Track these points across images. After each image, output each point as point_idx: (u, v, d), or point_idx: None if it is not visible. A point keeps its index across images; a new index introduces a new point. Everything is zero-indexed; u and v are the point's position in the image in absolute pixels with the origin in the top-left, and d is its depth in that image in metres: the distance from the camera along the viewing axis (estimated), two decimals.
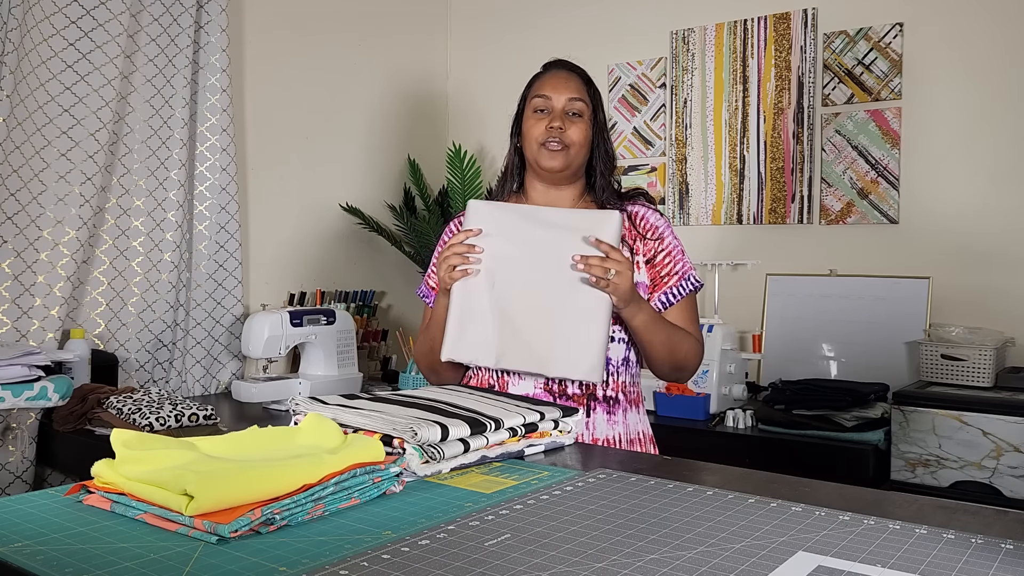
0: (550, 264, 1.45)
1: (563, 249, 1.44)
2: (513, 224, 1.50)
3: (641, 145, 3.08)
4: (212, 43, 2.53)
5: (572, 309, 1.43)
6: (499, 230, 1.50)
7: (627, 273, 1.42)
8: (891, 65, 2.59)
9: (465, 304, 1.47)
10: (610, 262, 1.41)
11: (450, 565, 0.75)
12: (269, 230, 2.82)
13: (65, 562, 0.75)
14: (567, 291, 1.44)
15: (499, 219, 1.51)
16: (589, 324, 1.42)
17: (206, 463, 0.90)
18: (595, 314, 1.42)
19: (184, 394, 2.51)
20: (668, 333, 1.53)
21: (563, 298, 1.44)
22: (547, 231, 1.48)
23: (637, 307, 1.47)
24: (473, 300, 1.47)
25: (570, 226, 1.47)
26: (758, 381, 2.68)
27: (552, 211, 1.53)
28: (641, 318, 1.48)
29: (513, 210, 1.53)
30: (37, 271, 2.19)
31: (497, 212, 1.53)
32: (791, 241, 2.77)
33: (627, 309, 1.45)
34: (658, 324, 1.52)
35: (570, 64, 1.66)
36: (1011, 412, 1.98)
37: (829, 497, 0.98)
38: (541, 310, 1.45)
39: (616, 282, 1.41)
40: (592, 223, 1.47)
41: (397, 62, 3.30)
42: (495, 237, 1.49)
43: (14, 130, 2.14)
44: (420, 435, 1.05)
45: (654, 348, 1.53)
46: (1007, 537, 0.83)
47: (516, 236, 1.49)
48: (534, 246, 1.47)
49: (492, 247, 1.49)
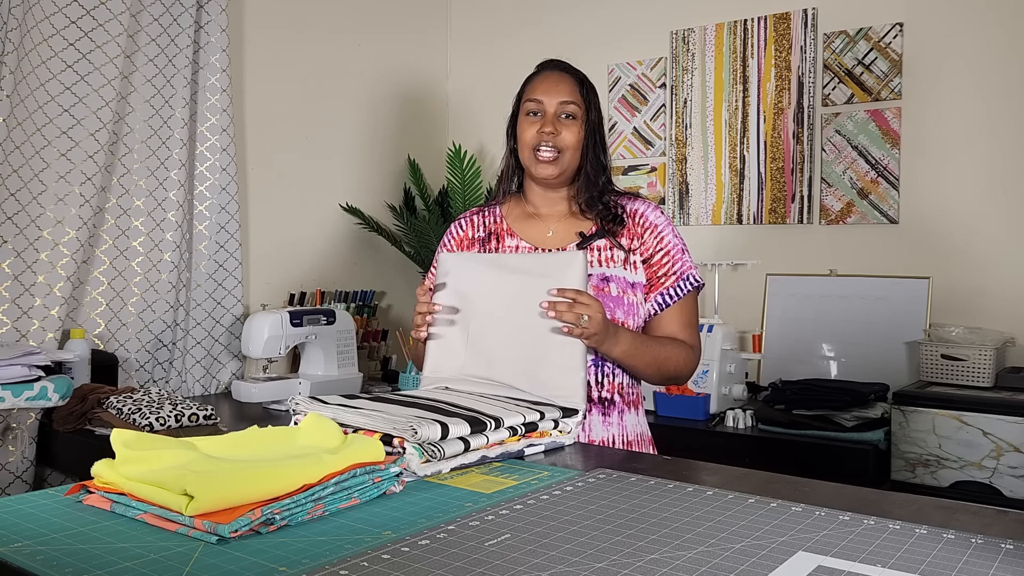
0: (521, 312, 1.44)
1: (531, 296, 1.43)
2: (481, 274, 1.50)
3: (641, 145, 3.08)
4: (212, 43, 2.53)
5: (548, 351, 1.41)
6: (469, 281, 1.50)
7: (598, 316, 1.39)
8: (891, 65, 2.59)
9: (442, 356, 1.48)
10: (579, 307, 1.38)
11: (450, 565, 0.75)
12: (269, 230, 2.82)
13: (65, 562, 0.75)
14: (541, 336, 1.42)
15: (469, 270, 1.51)
16: (567, 364, 1.40)
17: (206, 463, 0.90)
18: (571, 354, 1.40)
19: (184, 394, 2.51)
20: (653, 354, 1.51)
21: (538, 343, 1.42)
22: (516, 279, 1.47)
23: (614, 341, 1.45)
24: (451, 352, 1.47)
25: (537, 272, 1.46)
26: (758, 381, 2.68)
27: (518, 258, 1.53)
28: (620, 349, 1.46)
29: (482, 261, 1.53)
30: (37, 271, 2.19)
31: (468, 263, 1.53)
32: (791, 241, 2.77)
33: (604, 346, 1.44)
34: (641, 348, 1.50)
35: (563, 65, 1.64)
36: (1011, 412, 1.98)
37: (829, 497, 0.98)
38: (517, 355, 1.43)
39: (587, 326, 1.38)
40: (557, 266, 1.46)
41: (397, 62, 3.30)
42: (466, 290, 1.49)
43: (14, 130, 2.14)
44: (420, 433, 1.05)
45: (639, 371, 1.53)
46: (1007, 537, 0.83)
47: (485, 287, 1.48)
48: (503, 296, 1.46)
49: (464, 300, 1.49)
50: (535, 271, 1.46)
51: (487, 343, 1.45)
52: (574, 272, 1.44)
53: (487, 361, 1.44)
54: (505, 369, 1.42)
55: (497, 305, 1.46)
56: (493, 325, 1.45)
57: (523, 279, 1.46)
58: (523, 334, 1.43)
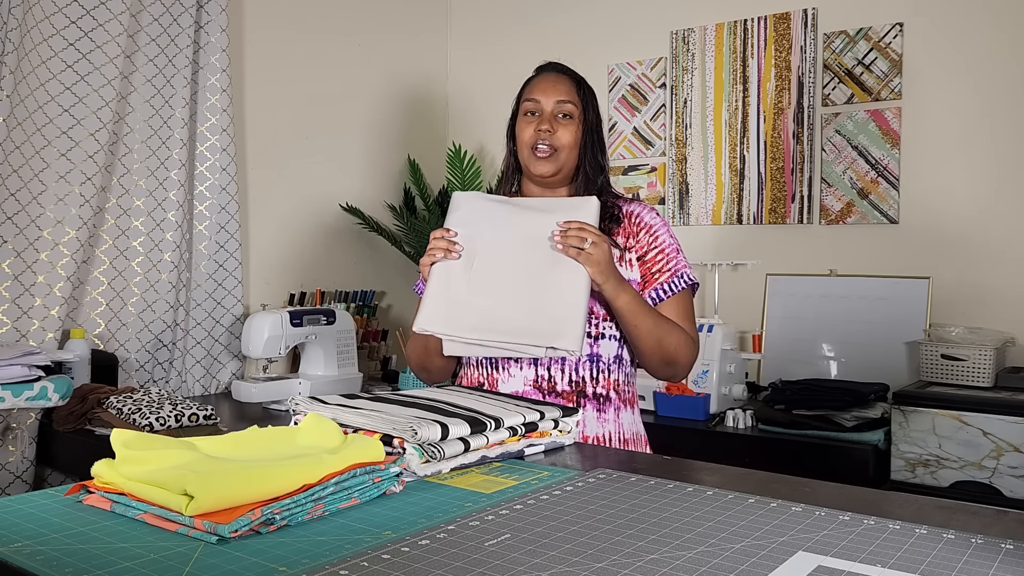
0: (528, 243, 1.47)
1: (541, 229, 1.47)
2: (493, 210, 1.53)
3: (641, 145, 3.08)
4: (212, 43, 2.53)
5: (551, 282, 1.43)
6: (480, 217, 1.52)
7: (603, 246, 1.43)
8: (891, 65, 2.59)
9: (443, 281, 1.47)
10: (586, 232, 1.43)
11: (450, 565, 0.75)
12: (269, 230, 2.82)
13: (65, 562, 0.75)
14: (545, 266, 1.45)
15: (480, 207, 1.54)
16: (569, 295, 1.42)
17: (206, 463, 0.90)
18: (574, 285, 1.42)
19: (184, 394, 2.51)
20: (656, 321, 1.51)
21: (542, 272, 1.44)
22: (526, 215, 1.51)
23: (618, 285, 1.46)
24: (451, 278, 1.47)
25: (549, 209, 1.51)
26: (758, 381, 2.68)
27: (533, 199, 1.58)
28: (624, 299, 1.47)
29: (495, 199, 1.57)
30: (37, 271, 2.19)
31: (478, 201, 1.56)
32: (791, 241, 2.77)
33: (607, 286, 1.45)
34: (644, 310, 1.50)
35: (560, 66, 1.67)
36: (1011, 412, 1.98)
37: (829, 497, 0.98)
38: (520, 284, 1.44)
39: (591, 252, 1.42)
40: (571, 206, 1.51)
41: (397, 62, 3.30)
42: (476, 224, 1.51)
43: (14, 130, 2.14)
44: (420, 434, 1.05)
45: (640, 335, 1.50)
46: (1007, 537, 0.83)
47: (495, 221, 1.51)
48: (513, 229, 1.50)
49: (472, 232, 1.50)
50: (547, 208, 1.51)
51: (491, 271, 1.46)
52: (586, 212, 1.49)
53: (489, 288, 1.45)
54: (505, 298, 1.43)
55: (505, 236, 1.49)
56: (499, 254, 1.48)
57: (534, 215, 1.50)
58: (528, 264, 1.45)
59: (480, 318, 1.43)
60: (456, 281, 1.46)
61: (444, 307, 1.45)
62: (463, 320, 1.43)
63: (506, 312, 1.42)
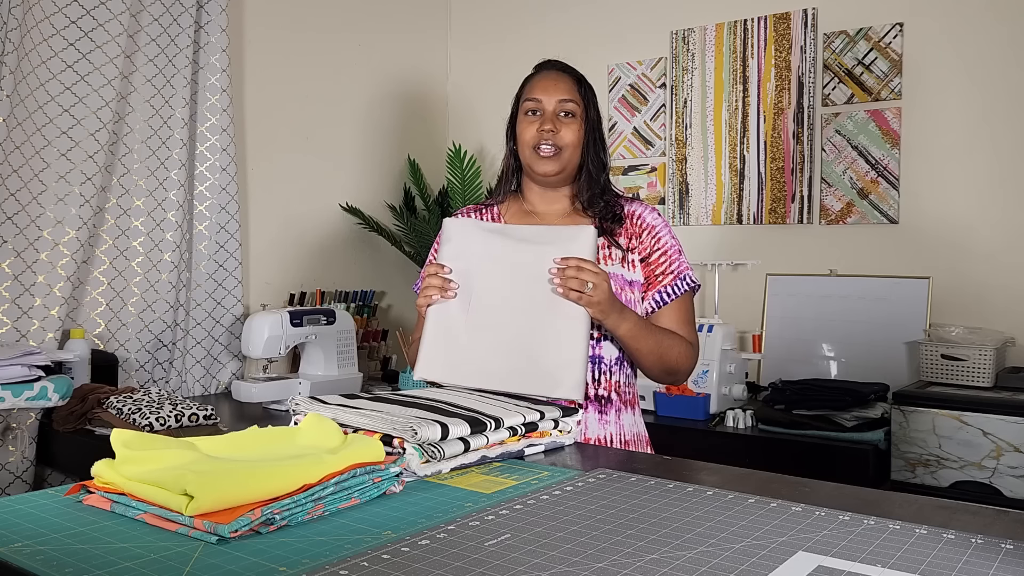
0: (526, 281, 1.42)
1: (538, 266, 1.41)
2: (486, 241, 1.47)
3: (641, 145, 3.08)
4: (212, 43, 2.53)
5: (550, 327, 1.39)
6: (473, 251, 1.47)
7: (603, 284, 1.39)
8: (891, 65, 2.59)
9: (441, 324, 1.43)
10: (585, 274, 1.38)
11: (450, 565, 0.75)
12: (269, 230, 2.82)
13: (65, 562, 0.75)
14: (544, 308, 1.40)
15: (473, 238, 1.48)
16: (568, 341, 1.38)
17: (206, 463, 0.90)
18: (574, 330, 1.38)
19: (184, 394, 2.51)
20: (657, 339, 1.50)
21: (540, 316, 1.40)
22: (521, 247, 1.45)
23: (620, 316, 1.44)
24: (450, 320, 1.43)
25: (544, 241, 1.44)
26: (758, 381, 2.68)
27: (526, 228, 1.51)
28: (626, 327, 1.46)
29: (487, 228, 1.51)
30: (37, 271, 2.19)
31: (471, 230, 1.50)
32: (791, 241, 2.77)
33: (609, 320, 1.43)
34: (645, 331, 1.49)
35: (561, 64, 1.65)
36: (1011, 412, 1.98)
37: (829, 497, 0.98)
38: (518, 329, 1.41)
39: (592, 295, 1.38)
40: (566, 237, 1.44)
41: (397, 62, 3.30)
42: (469, 258, 1.46)
43: (14, 130, 2.14)
44: (420, 434, 1.05)
45: (642, 355, 1.51)
46: (1007, 537, 0.83)
47: (490, 255, 1.46)
48: (510, 265, 1.44)
49: (467, 266, 1.46)
50: (542, 241, 1.45)
51: (489, 312, 1.43)
52: (583, 243, 1.43)
53: (488, 334, 1.41)
54: (504, 341, 1.40)
55: (501, 274, 1.44)
56: (496, 293, 1.43)
57: (529, 248, 1.44)
58: (527, 304, 1.41)
59: (479, 367, 1.40)
60: (454, 325, 1.43)
61: (443, 354, 1.42)
62: (462, 368, 1.41)
63: (506, 362, 1.39)
